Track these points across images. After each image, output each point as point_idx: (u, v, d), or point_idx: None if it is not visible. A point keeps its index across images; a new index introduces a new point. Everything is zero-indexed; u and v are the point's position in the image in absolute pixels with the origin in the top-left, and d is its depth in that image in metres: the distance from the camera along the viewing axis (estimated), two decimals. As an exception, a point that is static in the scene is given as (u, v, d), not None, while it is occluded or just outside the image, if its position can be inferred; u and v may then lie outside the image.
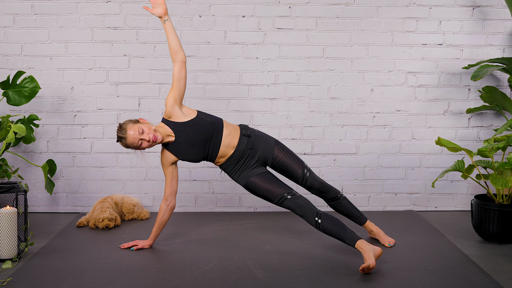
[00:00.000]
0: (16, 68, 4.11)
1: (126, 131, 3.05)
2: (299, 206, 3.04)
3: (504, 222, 3.34)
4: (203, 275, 2.79)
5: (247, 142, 3.19)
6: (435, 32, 4.21)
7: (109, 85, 4.17)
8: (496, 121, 4.26)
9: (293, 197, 3.06)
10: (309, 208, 3.03)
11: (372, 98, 4.23)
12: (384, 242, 3.34)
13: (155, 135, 3.04)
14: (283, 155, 3.25)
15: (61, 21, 4.12)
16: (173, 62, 3.15)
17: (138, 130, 3.03)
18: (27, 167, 4.16)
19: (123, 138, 3.06)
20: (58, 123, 4.17)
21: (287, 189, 3.10)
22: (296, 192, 3.10)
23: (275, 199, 3.10)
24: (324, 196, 3.34)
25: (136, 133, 3.03)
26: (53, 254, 3.15)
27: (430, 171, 4.27)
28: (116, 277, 2.78)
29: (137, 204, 4.01)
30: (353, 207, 3.39)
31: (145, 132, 3.04)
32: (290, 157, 3.26)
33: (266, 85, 4.20)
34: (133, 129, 3.04)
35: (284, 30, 4.18)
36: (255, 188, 3.15)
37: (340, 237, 2.96)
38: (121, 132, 3.06)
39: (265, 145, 3.23)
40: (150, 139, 3.03)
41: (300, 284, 2.68)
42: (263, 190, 3.12)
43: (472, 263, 2.99)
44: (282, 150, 3.26)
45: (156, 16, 3.16)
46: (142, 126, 3.05)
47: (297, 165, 3.26)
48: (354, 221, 3.40)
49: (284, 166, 3.26)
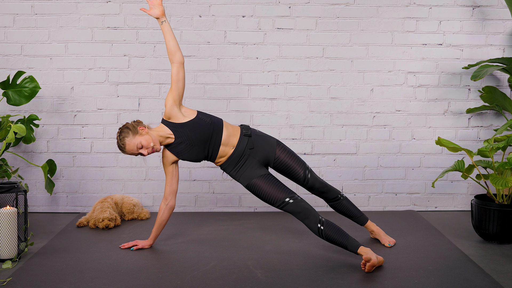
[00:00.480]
0: (16, 68, 4.11)
1: (125, 146, 3.09)
2: (303, 209, 3.02)
3: (504, 222, 3.34)
4: (203, 275, 2.79)
5: (247, 142, 3.19)
6: (435, 32, 4.21)
7: (109, 85, 4.17)
8: (496, 121, 4.26)
9: (296, 201, 3.05)
10: (313, 213, 3.02)
11: (372, 98, 4.23)
12: (384, 242, 3.34)
13: (153, 149, 3.09)
14: (285, 155, 3.25)
15: (61, 21, 4.12)
16: (171, 63, 3.15)
17: (136, 146, 3.08)
18: (27, 167, 4.16)
19: (122, 150, 3.12)
20: (58, 123, 4.17)
21: (290, 193, 3.08)
22: (299, 196, 3.09)
23: (276, 203, 3.08)
24: (324, 196, 3.34)
25: (135, 148, 3.08)
26: (53, 254, 3.15)
27: (430, 171, 4.27)
28: (116, 277, 2.78)
29: (137, 204, 4.01)
30: (354, 207, 3.39)
31: (144, 147, 3.08)
32: (292, 158, 3.26)
33: (266, 85, 4.20)
34: (131, 145, 3.08)
35: (284, 30, 4.18)
36: (258, 190, 3.13)
37: (342, 244, 2.96)
38: (120, 143, 3.10)
39: (267, 145, 3.22)
40: (149, 153, 3.10)
41: (300, 284, 2.68)
42: (265, 192, 3.11)
43: (472, 263, 2.98)
44: (284, 150, 3.26)
45: (154, 17, 3.17)
46: (141, 140, 3.07)
47: (298, 165, 3.26)
48: (355, 221, 3.40)
49: (286, 167, 3.25)
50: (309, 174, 3.27)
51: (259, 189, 3.12)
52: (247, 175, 3.16)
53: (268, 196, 3.10)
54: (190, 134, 3.11)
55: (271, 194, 3.09)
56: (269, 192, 3.09)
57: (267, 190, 3.10)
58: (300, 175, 3.26)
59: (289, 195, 3.07)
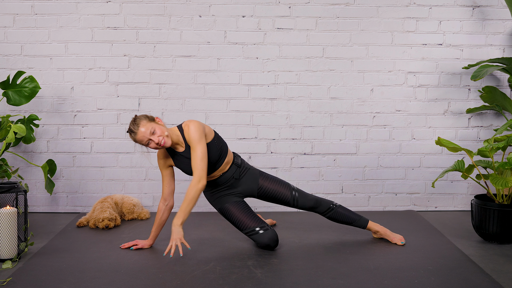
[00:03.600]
0: (16, 68, 4.11)
1: (138, 127, 3.03)
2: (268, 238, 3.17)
3: (504, 222, 3.34)
4: (203, 275, 2.79)
5: (235, 171, 3.30)
6: (435, 32, 4.21)
7: (109, 85, 4.17)
8: (496, 121, 4.26)
9: (265, 232, 3.17)
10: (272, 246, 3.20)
11: (372, 98, 4.23)
12: (396, 241, 3.34)
13: (165, 140, 3.03)
14: (268, 183, 3.34)
15: (61, 21, 4.12)
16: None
17: (150, 130, 3.01)
18: (27, 167, 4.16)
19: (133, 132, 3.05)
20: (58, 123, 4.17)
21: (261, 223, 3.21)
22: (269, 227, 3.21)
23: (245, 230, 3.21)
24: (317, 211, 3.38)
25: (148, 132, 3.01)
26: (53, 254, 3.15)
27: (430, 171, 4.27)
28: (116, 277, 2.78)
29: (137, 204, 4.01)
30: (351, 212, 3.38)
31: (156, 134, 3.02)
32: (275, 183, 3.35)
33: (266, 85, 4.20)
34: (145, 127, 3.01)
35: (284, 30, 4.18)
36: (229, 215, 3.26)
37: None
38: (133, 126, 3.05)
39: (250, 178, 3.33)
40: (159, 142, 3.02)
41: (300, 284, 2.68)
42: (236, 218, 3.24)
43: (472, 263, 2.98)
44: (267, 178, 3.35)
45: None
46: (156, 127, 3.03)
47: (284, 188, 3.34)
48: (356, 225, 3.38)
49: (271, 193, 3.34)
50: (296, 194, 3.34)
51: (231, 214, 3.25)
52: (222, 200, 3.28)
53: (238, 221, 3.23)
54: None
55: (242, 221, 3.22)
56: (240, 219, 3.22)
57: (238, 216, 3.23)
58: (288, 197, 3.33)
59: (260, 225, 3.19)
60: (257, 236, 3.18)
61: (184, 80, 4.17)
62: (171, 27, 4.14)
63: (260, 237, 3.17)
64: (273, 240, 3.17)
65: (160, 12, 4.13)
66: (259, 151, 4.23)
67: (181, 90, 4.18)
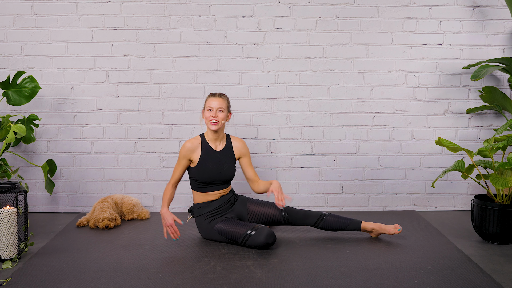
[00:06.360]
0: (16, 68, 4.11)
1: (222, 98, 3.39)
2: (266, 235, 3.19)
3: (504, 222, 3.34)
4: (203, 275, 2.80)
5: (231, 196, 3.47)
6: (435, 32, 4.21)
7: (109, 85, 4.17)
8: (496, 121, 4.26)
9: (258, 232, 3.19)
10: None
11: (372, 98, 4.23)
12: (393, 231, 3.40)
13: (219, 122, 3.35)
14: (255, 206, 3.48)
15: (61, 21, 4.12)
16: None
17: (223, 107, 3.36)
18: (27, 167, 4.16)
19: (218, 96, 3.40)
20: (58, 123, 4.17)
21: (251, 226, 3.24)
22: (261, 226, 3.24)
23: (239, 239, 3.24)
24: (308, 222, 3.46)
25: (222, 105, 3.36)
26: (53, 254, 3.15)
27: (430, 171, 4.27)
28: (116, 277, 2.78)
29: (137, 204, 4.01)
30: (341, 218, 3.45)
31: (223, 113, 3.37)
32: (263, 205, 3.48)
33: (266, 85, 4.20)
34: (223, 104, 3.38)
35: (284, 30, 4.18)
36: (222, 232, 3.33)
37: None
38: (221, 94, 3.43)
39: (240, 203, 3.50)
40: (217, 116, 3.34)
41: (300, 284, 2.68)
42: (227, 232, 3.29)
43: (472, 263, 2.98)
44: (253, 202, 3.50)
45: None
46: (225, 113, 3.38)
47: (272, 209, 3.47)
48: (350, 229, 3.45)
49: (261, 215, 3.46)
50: (286, 213, 3.45)
51: (223, 231, 3.32)
52: (214, 222, 3.36)
53: (230, 234, 3.28)
54: (216, 166, 3.41)
55: (233, 232, 3.27)
56: (231, 230, 3.28)
57: (229, 229, 3.29)
58: (278, 217, 3.46)
59: (251, 228, 3.23)
60: (252, 238, 3.18)
61: (184, 80, 4.17)
62: (171, 27, 4.14)
63: (254, 238, 3.18)
64: (269, 235, 3.17)
65: (160, 12, 4.13)
66: (259, 151, 4.23)
67: (181, 90, 4.18)
